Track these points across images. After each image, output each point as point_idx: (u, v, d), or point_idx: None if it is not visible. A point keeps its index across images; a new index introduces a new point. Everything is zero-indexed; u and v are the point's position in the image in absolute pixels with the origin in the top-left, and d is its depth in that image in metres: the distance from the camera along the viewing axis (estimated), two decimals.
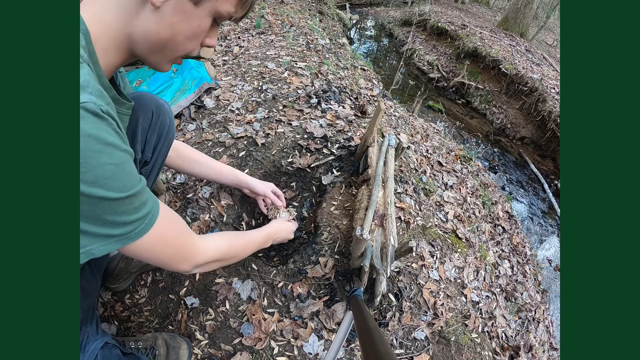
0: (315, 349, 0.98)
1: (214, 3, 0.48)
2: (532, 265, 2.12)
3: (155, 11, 0.46)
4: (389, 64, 6.32)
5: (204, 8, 0.48)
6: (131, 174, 0.44)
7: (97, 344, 0.66)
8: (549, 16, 7.64)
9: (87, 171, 0.37)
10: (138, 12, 0.46)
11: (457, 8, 8.72)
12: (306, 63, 2.32)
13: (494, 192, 2.47)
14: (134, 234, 0.46)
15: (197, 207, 1.26)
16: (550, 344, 1.68)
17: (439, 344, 1.12)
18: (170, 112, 0.82)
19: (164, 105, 0.79)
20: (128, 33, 0.47)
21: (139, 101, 0.73)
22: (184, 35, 0.49)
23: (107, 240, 0.43)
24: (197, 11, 0.48)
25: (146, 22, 0.47)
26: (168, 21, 0.47)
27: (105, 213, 0.41)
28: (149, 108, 0.75)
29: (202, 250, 0.64)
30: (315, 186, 1.45)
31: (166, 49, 0.50)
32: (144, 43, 0.49)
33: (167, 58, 0.52)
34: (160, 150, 0.81)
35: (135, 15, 0.46)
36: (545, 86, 4.32)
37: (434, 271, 1.29)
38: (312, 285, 1.10)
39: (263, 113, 1.70)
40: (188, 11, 0.47)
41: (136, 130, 0.73)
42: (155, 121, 0.76)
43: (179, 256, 0.58)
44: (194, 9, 0.47)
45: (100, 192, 0.39)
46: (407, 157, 1.83)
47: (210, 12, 0.49)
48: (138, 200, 0.46)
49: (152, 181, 0.85)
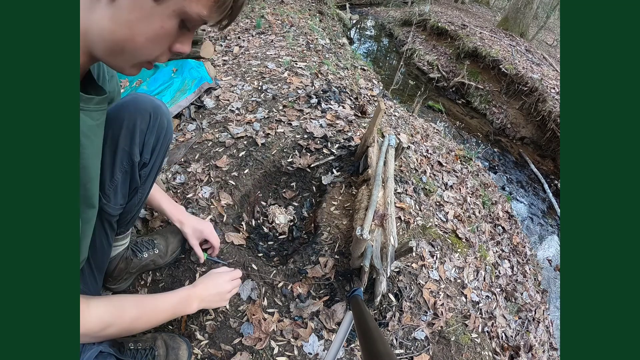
0: (315, 349, 0.98)
1: (179, 2, 0.41)
2: (532, 265, 2.12)
3: (110, 5, 0.40)
4: (389, 64, 6.32)
5: (167, 7, 0.41)
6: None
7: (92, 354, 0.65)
8: (549, 16, 7.64)
9: None
10: (93, 6, 0.41)
11: (457, 8, 8.72)
12: (306, 63, 2.32)
13: (494, 192, 2.47)
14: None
15: (197, 207, 1.26)
16: (550, 344, 1.68)
17: (439, 344, 1.12)
18: (168, 113, 0.81)
19: (161, 106, 0.79)
20: (83, 30, 0.42)
21: (136, 103, 0.73)
22: (145, 36, 0.42)
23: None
24: (159, 9, 0.41)
25: (101, 19, 0.41)
26: (125, 18, 0.41)
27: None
28: (146, 110, 0.74)
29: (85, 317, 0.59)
30: (315, 186, 1.45)
31: (125, 52, 0.44)
32: (100, 42, 0.43)
33: (128, 62, 0.46)
34: (159, 151, 0.81)
35: (90, 9, 0.41)
36: (545, 86, 4.32)
37: (434, 271, 1.29)
38: (312, 285, 1.10)
39: (263, 113, 1.70)
40: (147, 9, 0.40)
41: (134, 132, 0.72)
42: (153, 123, 0.76)
43: None
44: (154, 6, 0.40)
45: None
46: (407, 157, 1.83)
47: (176, 13, 0.42)
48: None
49: (151, 183, 0.85)
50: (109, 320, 0.65)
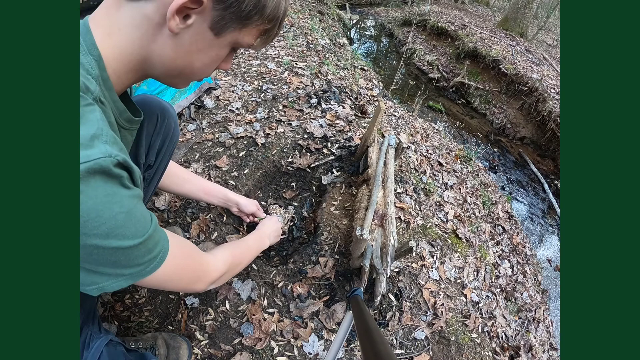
0: (315, 349, 0.98)
1: (236, 35, 0.46)
2: (532, 265, 2.12)
3: (173, 37, 0.43)
4: (389, 64, 6.32)
5: (225, 39, 0.46)
6: (143, 217, 0.43)
7: (102, 341, 0.66)
8: (549, 16, 7.64)
9: (101, 224, 0.36)
10: (155, 37, 0.43)
11: (457, 8, 8.72)
12: (306, 63, 2.32)
13: (494, 192, 2.47)
14: (148, 271, 0.46)
15: (197, 207, 1.26)
16: (550, 344, 1.68)
17: (439, 344, 1.12)
18: (175, 116, 0.81)
19: (168, 109, 0.78)
20: (144, 56, 0.45)
21: (144, 104, 0.73)
22: (202, 62, 0.48)
23: (119, 278, 0.43)
24: (218, 41, 0.46)
25: (163, 48, 0.44)
26: (186, 49, 0.45)
27: (120, 259, 0.41)
28: (153, 112, 0.74)
29: (214, 267, 0.66)
30: (315, 186, 1.45)
31: (182, 74, 0.49)
32: (160, 67, 0.47)
33: (183, 81, 0.52)
34: (164, 154, 0.80)
35: (152, 40, 0.44)
36: (545, 86, 4.32)
37: (434, 271, 1.29)
38: (312, 285, 1.10)
39: (263, 113, 1.70)
40: (208, 41, 0.45)
41: (140, 134, 0.72)
42: (160, 125, 0.76)
43: (195, 277, 0.60)
44: (214, 39, 0.45)
45: (115, 242, 0.38)
46: (407, 157, 1.83)
47: (231, 43, 0.47)
48: (151, 242, 0.45)
49: (154, 185, 0.84)
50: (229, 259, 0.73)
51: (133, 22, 0.42)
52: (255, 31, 0.48)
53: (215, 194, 1.06)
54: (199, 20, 0.43)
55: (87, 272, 0.40)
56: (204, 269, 0.62)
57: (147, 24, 0.42)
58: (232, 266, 0.74)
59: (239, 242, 0.88)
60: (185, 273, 0.56)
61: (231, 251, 0.76)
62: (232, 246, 0.81)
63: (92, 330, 0.68)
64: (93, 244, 0.37)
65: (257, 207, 1.16)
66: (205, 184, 1.04)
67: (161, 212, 1.24)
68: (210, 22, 0.43)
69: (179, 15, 0.41)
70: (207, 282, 0.63)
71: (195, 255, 0.60)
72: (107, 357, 0.65)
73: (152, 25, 0.42)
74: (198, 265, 0.60)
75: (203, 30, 0.44)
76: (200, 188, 1.01)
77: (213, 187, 1.06)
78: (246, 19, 0.45)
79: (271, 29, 0.50)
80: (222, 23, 0.44)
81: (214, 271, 0.65)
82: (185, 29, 0.43)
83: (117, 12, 0.42)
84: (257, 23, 0.46)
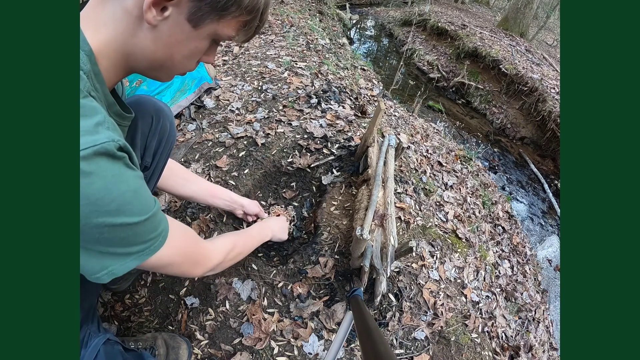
0: (315, 349, 0.98)
1: (214, 26, 0.46)
2: (532, 265, 2.12)
3: (152, 30, 0.44)
4: (389, 64, 6.32)
5: (204, 31, 0.46)
6: (148, 196, 0.45)
7: (100, 340, 0.66)
8: (549, 16, 7.64)
9: (111, 201, 0.38)
10: (136, 31, 0.44)
11: (457, 8, 8.72)
12: (306, 63, 2.32)
13: (494, 192, 2.47)
14: (153, 249, 0.47)
15: (197, 206, 1.26)
16: (550, 344, 1.68)
17: (439, 344, 1.12)
18: (171, 116, 0.81)
19: (163, 109, 0.78)
20: (127, 51, 0.46)
21: (138, 105, 0.72)
22: (181, 55, 0.48)
23: (128, 258, 0.44)
24: (195, 33, 0.46)
25: (144, 41, 0.45)
26: (165, 41, 0.45)
27: (129, 235, 0.42)
28: (148, 112, 0.74)
29: (213, 253, 0.67)
30: (315, 186, 1.45)
31: (164, 67, 0.50)
32: (143, 61, 0.48)
33: (165, 74, 0.52)
34: (161, 155, 0.80)
35: (133, 34, 0.44)
36: (545, 86, 4.32)
37: (434, 271, 1.29)
38: (312, 285, 1.10)
39: (263, 113, 1.70)
40: (186, 32, 0.46)
41: (135, 135, 0.71)
42: (155, 126, 0.75)
43: (195, 261, 0.61)
44: (192, 31, 0.46)
45: (125, 219, 0.40)
46: (407, 157, 1.83)
47: (210, 35, 0.48)
48: (156, 219, 0.47)
49: (152, 186, 0.84)
50: (229, 246, 0.74)
51: (115, 17, 0.43)
52: (234, 23, 0.48)
53: (221, 196, 1.05)
54: (176, 12, 0.43)
55: (97, 256, 0.41)
56: (203, 253, 0.63)
57: (127, 18, 0.43)
58: (232, 255, 0.75)
59: (241, 232, 0.89)
60: (186, 254, 0.57)
61: (232, 240, 0.77)
62: (233, 235, 0.81)
63: (91, 329, 0.68)
64: (104, 221, 0.38)
65: (259, 207, 1.17)
66: (211, 187, 1.03)
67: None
68: (187, 13, 0.44)
69: (155, 8, 0.42)
70: (206, 268, 0.65)
71: (194, 238, 0.61)
72: (104, 355, 0.65)
73: (132, 19, 0.43)
74: (197, 248, 0.61)
75: (181, 22, 0.44)
76: (206, 190, 1.01)
77: (218, 190, 1.06)
78: (223, 9, 0.45)
79: (251, 21, 0.49)
80: (199, 14, 0.44)
81: (213, 258, 0.66)
82: (163, 21, 0.43)
83: (102, 9, 0.43)
84: (235, 14, 0.46)
